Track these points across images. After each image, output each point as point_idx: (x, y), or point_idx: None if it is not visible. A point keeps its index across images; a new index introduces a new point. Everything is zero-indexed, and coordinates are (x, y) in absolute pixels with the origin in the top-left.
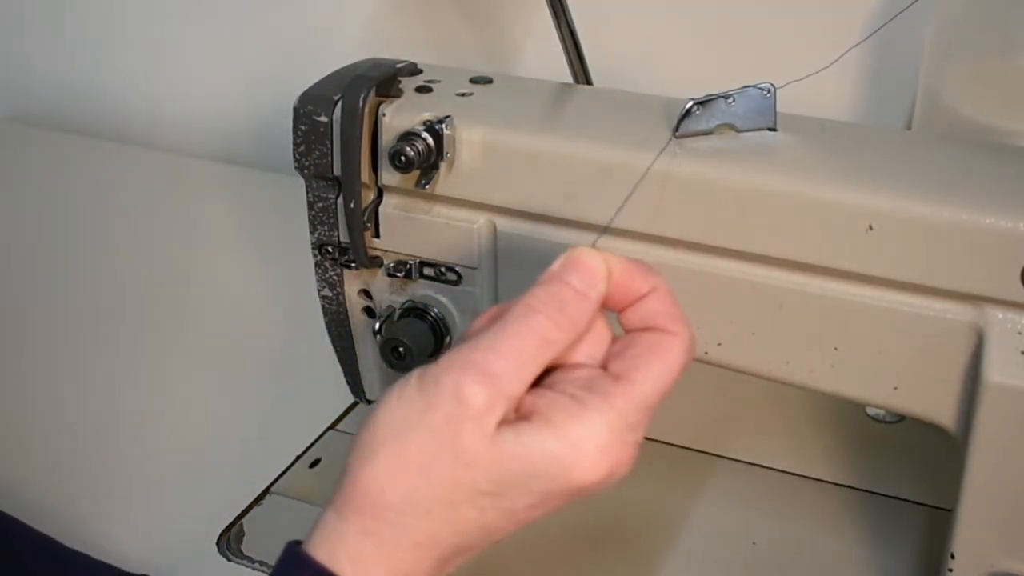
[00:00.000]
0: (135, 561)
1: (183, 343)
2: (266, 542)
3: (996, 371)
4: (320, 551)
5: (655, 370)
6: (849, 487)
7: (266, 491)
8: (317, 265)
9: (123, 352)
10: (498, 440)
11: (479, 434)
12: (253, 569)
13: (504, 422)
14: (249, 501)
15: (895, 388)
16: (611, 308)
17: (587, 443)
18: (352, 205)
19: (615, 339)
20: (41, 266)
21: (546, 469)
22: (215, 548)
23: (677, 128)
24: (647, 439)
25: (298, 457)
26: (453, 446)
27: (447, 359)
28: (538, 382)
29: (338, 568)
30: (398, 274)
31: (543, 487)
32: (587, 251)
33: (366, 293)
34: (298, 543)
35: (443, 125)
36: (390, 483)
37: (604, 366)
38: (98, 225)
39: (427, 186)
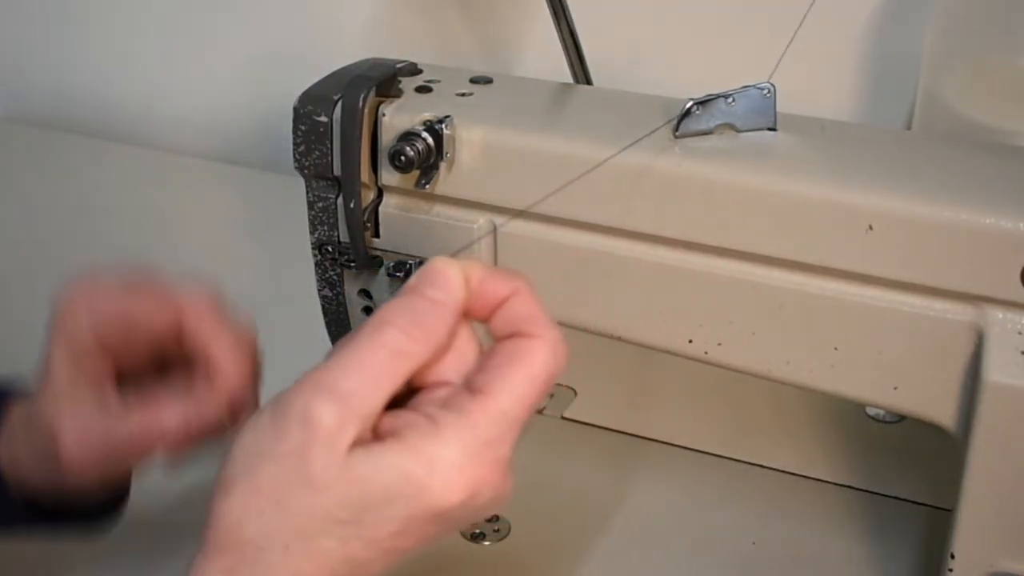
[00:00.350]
0: (135, 562)
1: None
2: None
3: (996, 371)
4: None
5: (515, 380)
6: (849, 487)
7: None
8: (317, 265)
9: None
10: (350, 463)
11: (330, 458)
12: None
13: (359, 443)
14: None
15: (895, 388)
16: (476, 317)
17: (441, 462)
18: (352, 205)
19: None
20: (40, 266)
21: (400, 490)
22: None
23: (677, 128)
24: (647, 438)
25: None
26: (304, 473)
27: (298, 383)
28: (402, 404)
29: None
30: (398, 274)
31: (402, 511)
32: (443, 260)
33: (366, 293)
34: None
35: (443, 125)
36: (246, 518)
37: (466, 383)
38: (98, 225)
39: (427, 186)
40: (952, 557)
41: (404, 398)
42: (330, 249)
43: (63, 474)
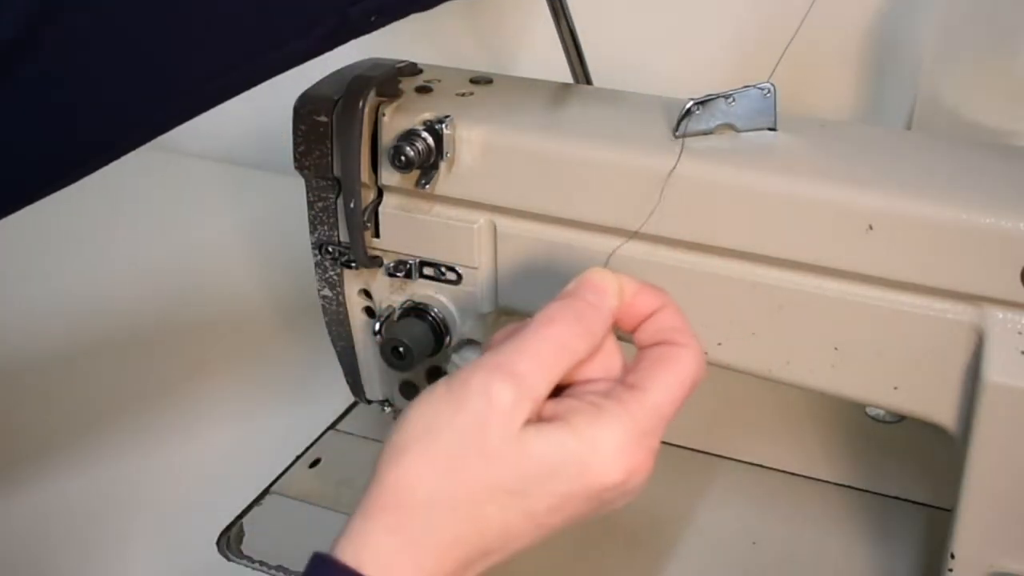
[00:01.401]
0: (135, 561)
1: (183, 343)
2: (266, 542)
3: (996, 371)
4: (346, 552)
5: (665, 379)
6: (849, 487)
7: (266, 491)
8: (317, 265)
9: (122, 352)
10: (523, 438)
11: (506, 432)
12: (253, 569)
13: (528, 422)
14: (249, 501)
15: (895, 388)
16: (624, 327)
17: (604, 443)
18: (352, 205)
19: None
20: (39, 266)
21: (566, 467)
22: (215, 548)
23: (677, 128)
24: None
25: (298, 457)
26: (480, 444)
27: (473, 364)
28: (559, 395)
29: (362, 566)
30: (398, 274)
31: (564, 487)
32: (599, 271)
33: (366, 293)
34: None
35: (443, 125)
36: (418, 481)
37: (620, 380)
38: (98, 225)
39: (427, 186)
40: (952, 557)
41: (557, 392)
42: (330, 249)
43: None
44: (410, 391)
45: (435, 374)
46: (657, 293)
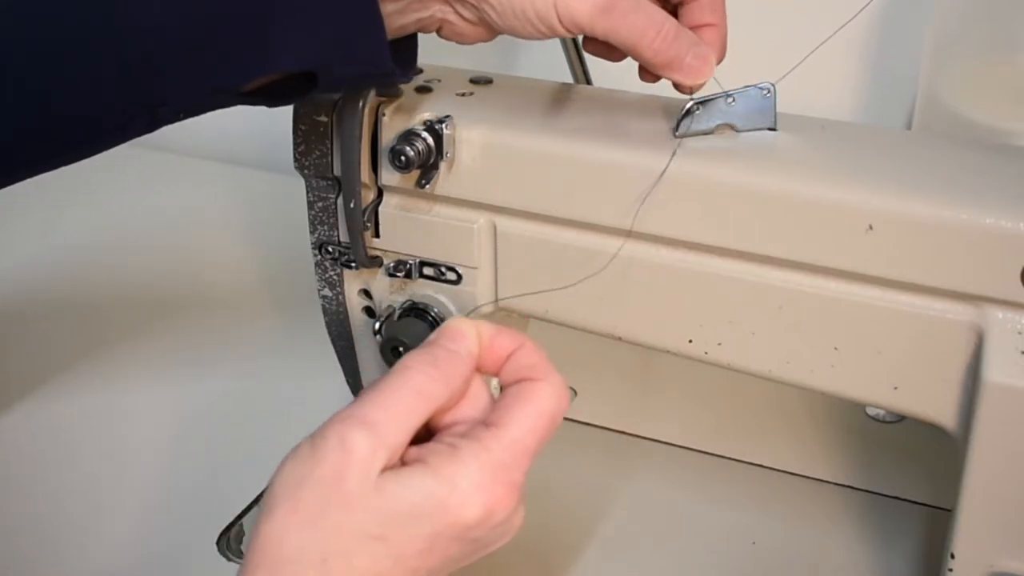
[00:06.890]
0: (134, 561)
1: (183, 343)
2: None
3: (996, 371)
4: None
5: (523, 414)
6: (849, 487)
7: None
8: (317, 265)
9: (123, 352)
10: (381, 484)
11: (364, 480)
12: None
13: (389, 468)
14: (249, 501)
15: (895, 388)
16: (487, 370)
17: (461, 480)
18: (352, 205)
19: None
20: (40, 266)
21: (424, 507)
22: (215, 548)
23: (677, 128)
24: (649, 439)
25: None
26: (341, 494)
27: (333, 418)
28: (425, 441)
29: None
30: (398, 274)
31: (428, 528)
32: (457, 319)
33: (366, 293)
34: None
35: (443, 125)
36: (286, 536)
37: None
38: (97, 225)
39: (427, 186)
40: (952, 557)
41: (425, 440)
42: (330, 249)
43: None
44: None
45: None
46: (514, 334)
